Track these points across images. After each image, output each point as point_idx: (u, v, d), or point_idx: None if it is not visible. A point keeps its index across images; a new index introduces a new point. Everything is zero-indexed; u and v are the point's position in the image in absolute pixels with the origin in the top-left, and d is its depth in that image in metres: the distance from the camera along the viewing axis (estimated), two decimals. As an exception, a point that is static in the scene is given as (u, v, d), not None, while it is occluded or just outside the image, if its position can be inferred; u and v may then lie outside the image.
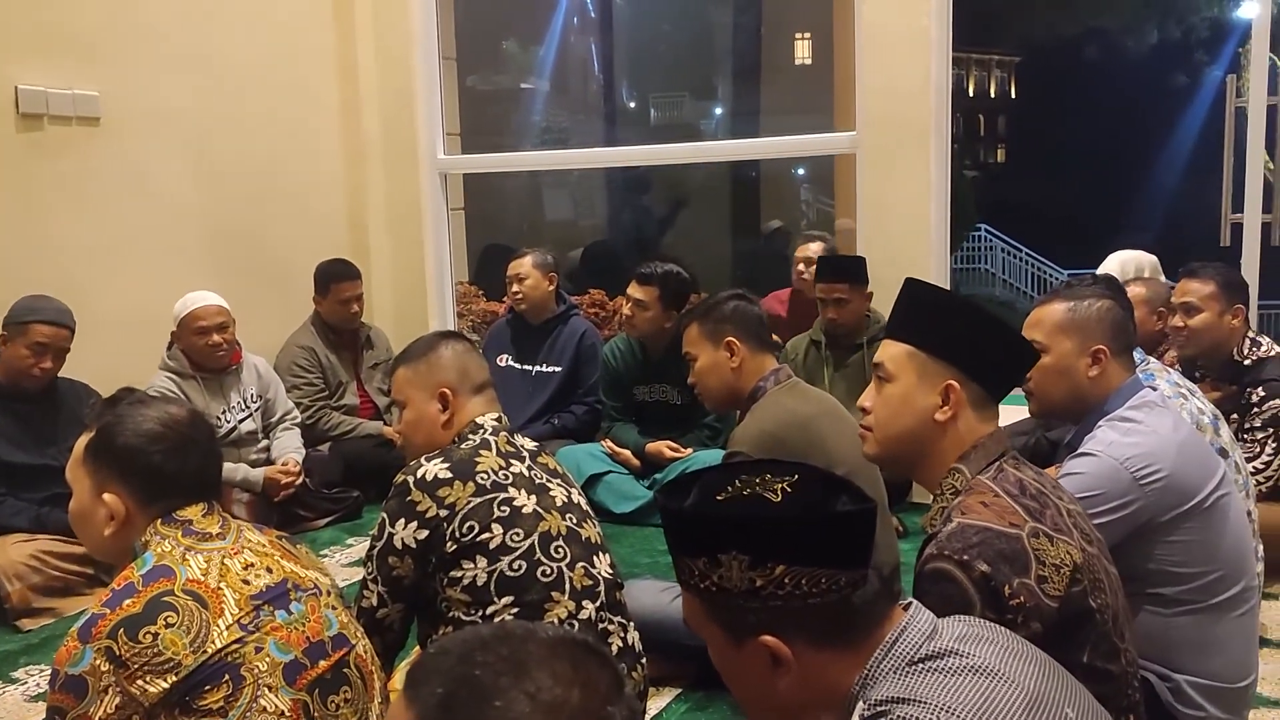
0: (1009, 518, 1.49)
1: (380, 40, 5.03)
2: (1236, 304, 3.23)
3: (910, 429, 1.66)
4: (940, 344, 1.66)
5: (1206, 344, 3.23)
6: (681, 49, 14.44)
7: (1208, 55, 18.20)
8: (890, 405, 1.68)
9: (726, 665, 1.18)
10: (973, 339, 1.66)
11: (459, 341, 2.25)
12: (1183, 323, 3.24)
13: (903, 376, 1.67)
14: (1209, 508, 1.98)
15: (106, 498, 1.63)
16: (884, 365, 1.71)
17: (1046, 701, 1.10)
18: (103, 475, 1.64)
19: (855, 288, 3.91)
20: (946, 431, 1.64)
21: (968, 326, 1.68)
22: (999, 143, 27.15)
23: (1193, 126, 18.86)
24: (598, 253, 8.06)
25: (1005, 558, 1.44)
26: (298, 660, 1.58)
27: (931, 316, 1.69)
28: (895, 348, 1.70)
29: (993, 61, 26.02)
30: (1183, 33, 18.18)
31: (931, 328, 1.68)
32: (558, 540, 2.02)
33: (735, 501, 1.14)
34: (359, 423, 4.43)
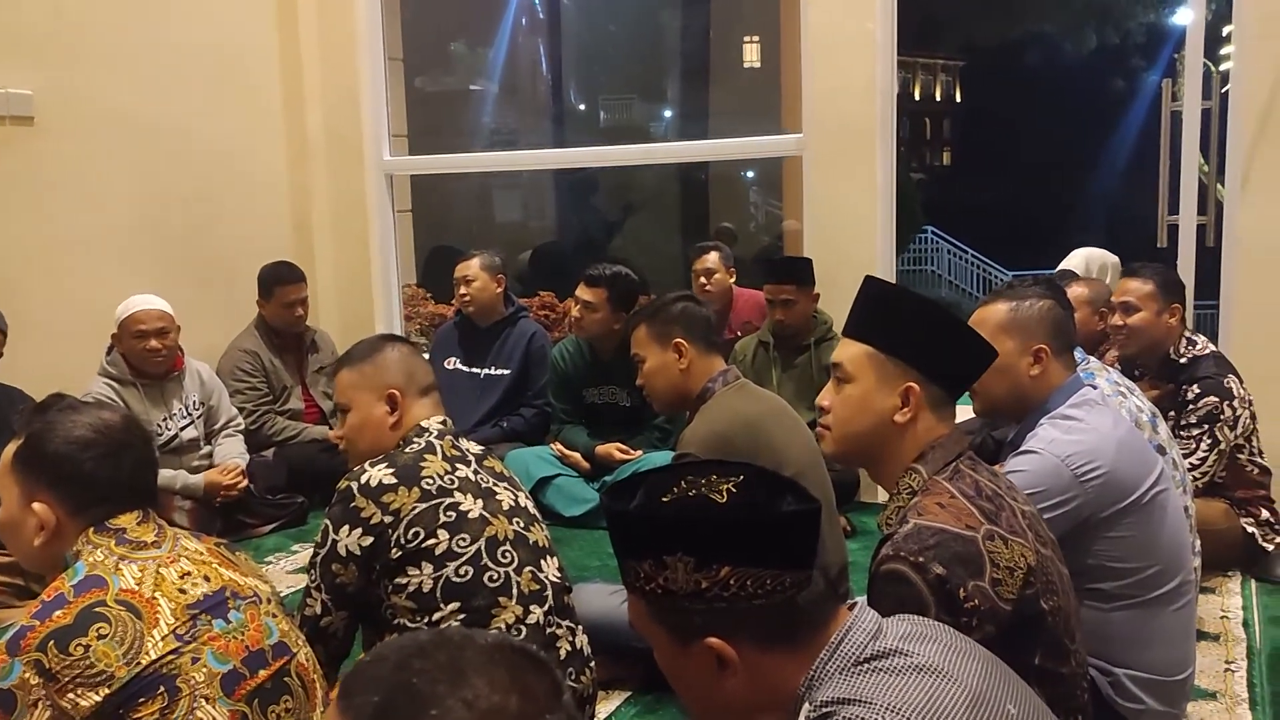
0: (965, 519, 1.50)
1: (325, 40, 4.97)
2: (1174, 303, 3.30)
3: (869, 429, 1.66)
4: (900, 345, 1.66)
5: (1145, 342, 3.30)
6: (631, 51, 14.47)
7: (1144, 60, 18.60)
8: (849, 406, 1.68)
9: (672, 667, 1.18)
10: (933, 340, 1.67)
11: (403, 344, 2.22)
12: (1122, 321, 3.30)
13: (862, 377, 1.67)
14: (1147, 504, 2.01)
15: (36, 507, 1.59)
16: (843, 366, 1.70)
17: (989, 699, 1.11)
18: (32, 484, 1.60)
19: (802, 289, 3.94)
20: (905, 432, 1.65)
21: (928, 328, 1.68)
22: (944, 146, 27.50)
23: (1131, 130, 19.27)
24: (547, 255, 8.03)
25: (961, 560, 1.45)
26: (236, 670, 1.55)
27: (891, 317, 1.69)
28: (854, 348, 1.70)
29: (938, 65, 26.36)
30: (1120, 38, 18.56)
31: (891, 329, 1.67)
32: (505, 545, 2.00)
33: (681, 502, 1.13)
34: (304, 427, 4.36)
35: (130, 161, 4.29)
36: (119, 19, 4.23)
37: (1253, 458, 3.30)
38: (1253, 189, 3.61)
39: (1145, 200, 5.85)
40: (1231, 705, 2.48)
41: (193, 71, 4.54)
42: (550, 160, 6.47)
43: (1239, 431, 3.21)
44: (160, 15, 4.40)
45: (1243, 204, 3.63)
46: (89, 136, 4.12)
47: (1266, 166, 3.57)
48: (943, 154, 27.51)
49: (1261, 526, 3.29)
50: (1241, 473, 3.29)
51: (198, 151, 4.57)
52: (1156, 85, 14.66)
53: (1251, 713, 2.45)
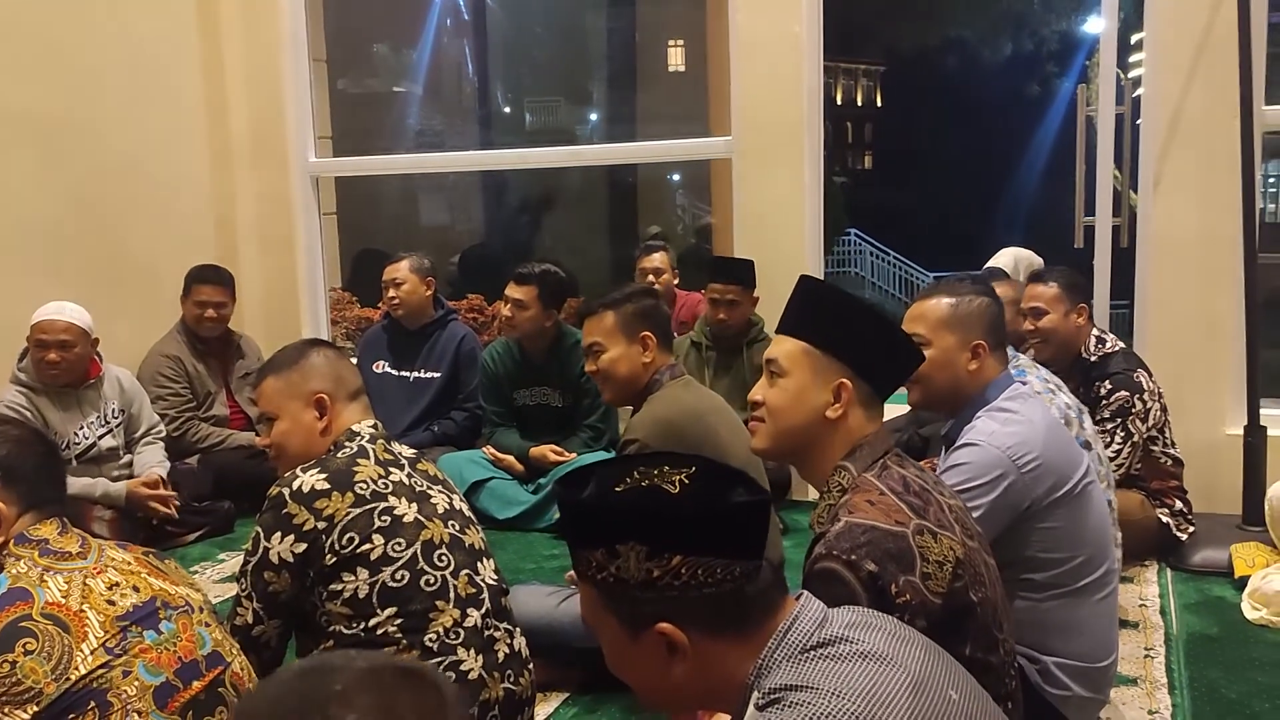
0: (895, 516, 1.53)
1: (248, 40, 4.88)
2: (1080, 303, 3.40)
3: (801, 425, 1.69)
4: (834, 342, 1.69)
5: (1057, 344, 3.37)
6: (556, 54, 14.46)
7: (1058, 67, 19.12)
8: (783, 399, 1.71)
9: (622, 655, 1.19)
10: (866, 339, 1.70)
11: (329, 348, 2.19)
12: (1033, 325, 3.38)
13: (796, 372, 1.70)
14: (1078, 495, 2.07)
15: None
16: (777, 360, 1.73)
17: (931, 683, 1.13)
18: None
19: (745, 291, 3.97)
20: (836, 429, 1.68)
21: (861, 326, 1.72)
22: (866, 149, 27.93)
23: (1047, 134, 19.81)
24: (476, 258, 7.97)
25: (892, 556, 1.48)
26: (169, 682, 1.51)
27: (826, 315, 1.73)
28: (789, 343, 1.73)
29: (859, 70, 26.76)
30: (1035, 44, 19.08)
31: (826, 326, 1.71)
32: (441, 548, 1.98)
33: (634, 492, 1.15)
34: (229, 433, 4.27)
35: (41, 163, 4.15)
36: (34, 16, 4.10)
37: (1166, 449, 3.42)
38: (1164, 190, 3.73)
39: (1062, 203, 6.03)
40: (1151, 690, 2.56)
41: (109, 72, 4.42)
42: (479, 162, 6.43)
43: (1150, 424, 3.31)
44: (75, 14, 4.27)
45: (1155, 205, 3.76)
46: (3, 135, 3.98)
47: (1177, 169, 3.70)
48: (864, 158, 27.94)
49: (1175, 517, 3.40)
50: (1156, 465, 3.41)
51: (114, 153, 4.44)
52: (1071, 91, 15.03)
53: (1170, 696, 2.53)
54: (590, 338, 2.70)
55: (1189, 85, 3.64)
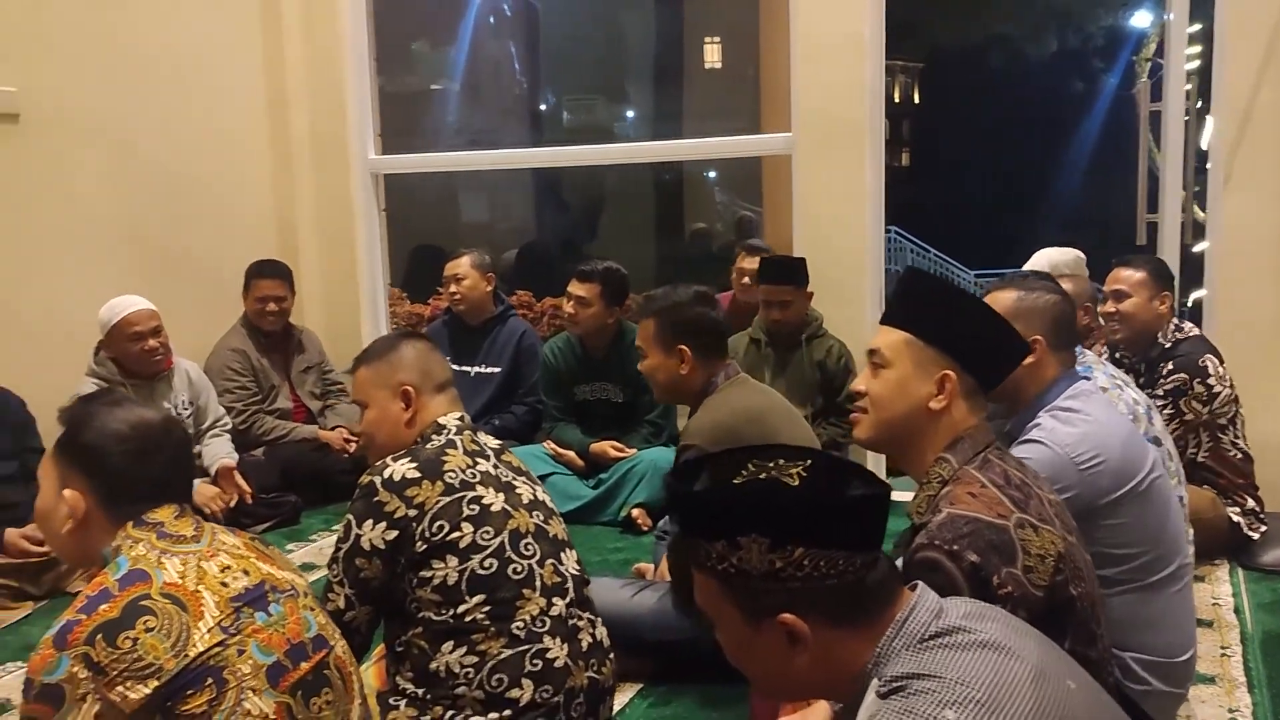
0: (997, 508, 1.54)
1: (310, 38, 4.94)
2: (1164, 291, 3.42)
3: (904, 415, 1.70)
4: (938, 334, 1.70)
5: (1137, 327, 3.42)
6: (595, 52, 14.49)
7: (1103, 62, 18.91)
8: (886, 390, 1.72)
9: (741, 645, 1.20)
10: (971, 331, 1.71)
11: (420, 341, 2.24)
12: (1114, 307, 3.42)
13: (899, 363, 1.71)
14: (1144, 491, 2.07)
15: (66, 494, 1.60)
16: (881, 351, 1.74)
17: (1051, 674, 1.14)
18: (66, 471, 1.62)
19: (798, 290, 3.98)
20: (938, 420, 1.69)
21: (966, 318, 1.73)
22: (903, 147, 27.77)
23: (1090, 131, 19.59)
24: (532, 254, 8.03)
25: (994, 548, 1.49)
26: (280, 662, 1.55)
27: (931, 306, 1.74)
28: (893, 335, 1.74)
29: (897, 67, 26.60)
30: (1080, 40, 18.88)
31: (931, 317, 1.72)
32: (527, 537, 2.02)
33: (753, 485, 1.16)
34: (293, 427, 4.34)
35: (111, 159, 4.24)
36: (104, 17, 4.18)
37: (1235, 441, 3.40)
38: (1235, 186, 3.70)
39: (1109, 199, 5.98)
40: (1230, 689, 2.55)
41: (175, 71, 4.50)
42: (533, 159, 6.48)
43: (1214, 408, 3.30)
44: (144, 14, 4.36)
45: (1225, 201, 3.73)
46: (72, 136, 4.07)
47: (1248, 165, 3.67)
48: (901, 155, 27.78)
49: (1246, 515, 3.38)
50: (1225, 458, 3.39)
51: (179, 153, 4.52)
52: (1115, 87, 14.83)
53: (1250, 695, 2.52)
54: (638, 340, 2.72)
55: (1260, 80, 3.60)
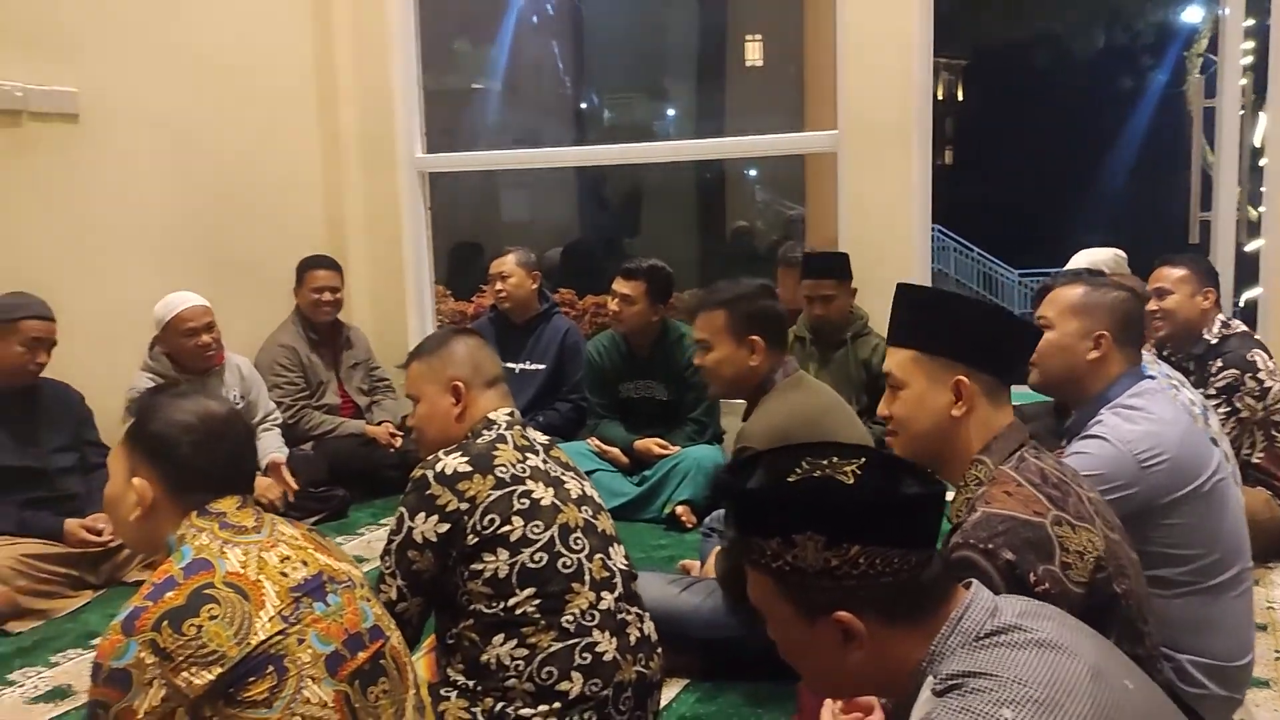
0: (1033, 506, 1.54)
1: (359, 37, 5.00)
2: (1207, 287, 3.41)
3: (930, 429, 1.70)
4: (941, 343, 1.71)
5: (1180, 324, 3.43)
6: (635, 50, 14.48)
7: (1152, 59, 18.60)
8: (907, 410, 1.73)
9: (795, 641, 1.21)
10: (971, 332, 1.71)
11: (471, 337, 2.27)
12: (1157, 305, 3.41)
13: (913, 381, 1.73)
14: (1207, 492, 2.05)
15: (135, 482, 1.63)
16: (893, 374, 1.76)
17: (1109, 673, 1.14)
18: (135, 460, 1.65)
19: (841, 284, 3.97)
20: (965, 425, 1.69)
21: (964, 320, 1.73)
22: (946, 145, 27.49)
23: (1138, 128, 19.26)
24: (577, 252, 8.06)
25: (1030, 545, 1.48)
26: (338, 652, 1.58)
27: (928, 318, 1.75)
28: (900, 354, 1.76)
29: (940, 65, 26.34)
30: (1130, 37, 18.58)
31: (930, 329, 1.73)
32: (576, 532, 2.04)
33: (808, 483, 1.17)
34: (341, 421, 4.40)
35: (167, 159, 4.32)
36: (159, 18, 4.26)
37: None
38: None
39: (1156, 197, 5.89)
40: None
41: (229, 70, 4.57)
42: (577, 158, 6.51)
43: (1268, 403, 3.27)
44: (198, 14, 4.44)
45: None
46: (128, 134, 4.15)
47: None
48: (944, 153, 27.50)
49: (1302, 516, 3.32)
50: (1278, 454, 3.34)
51: (232, 150, 4.60)
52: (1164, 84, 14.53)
53: (1305, 699, 2.48)
54: (700, 333, 2.68)
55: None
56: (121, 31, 4.11)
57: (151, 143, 4.24)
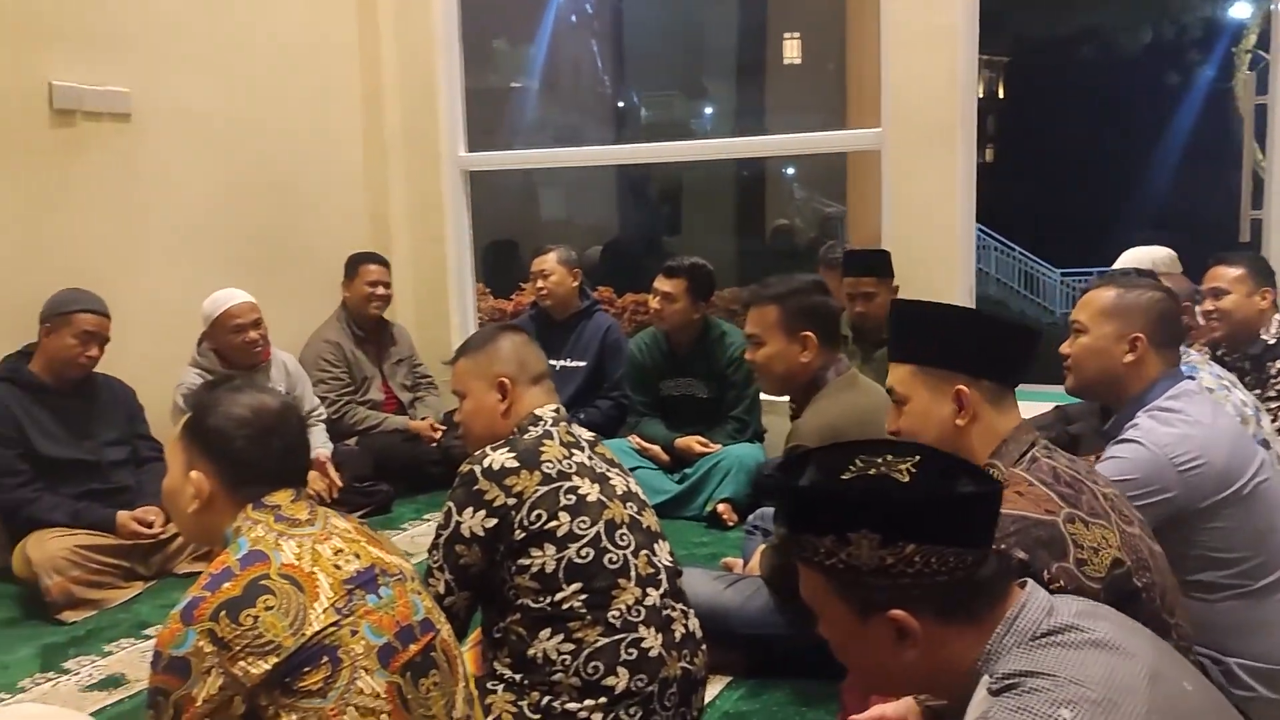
0: (1044, 505, 1.54)
1: (402, 36, 5.04)
2: (1264, 287, 3.36)
3: (937, 441, 1.70)
4: (937, 355, 1.75)
5: (1236, 324, 3.38)
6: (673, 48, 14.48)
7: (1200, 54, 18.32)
8: (913, 424, 1.76)
9: (848, 639, 1.21)
10: (965, 340, 1.74)
11: (517, 334, 2.28)
12: (1213, 305, 3.36)
13: (915, 395, 1.76)
14: (1248, 494, 2.03)
15: (193, 475, 1.66)
16: (895, 389, 1.80)
17: (1167, 674, 1.13)
18: (192, 454, 1.68)
19: (882, 281, 3.95)
20: (971, 433, 1.71)
21: (957, 330, 1.77)
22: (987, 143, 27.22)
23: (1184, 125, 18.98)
24: (617, 250, 8.09)
25: (1042, 544, 1.48)
26: (390, 643, 1.59)
27: (921, 331, 1.79)
28: (900, 370, 1.80)
29: (982, 61, 26.04)
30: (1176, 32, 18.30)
31: (924, 342, 1.77)
32: (622, 528, 2.05)
33: (863, 481, 1.17)
34: (385, 417, 4.44)
35: (215, 158, 4.38)
36: (207, 18, 4.32)
37: None
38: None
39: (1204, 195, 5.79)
40: (1337, 697, 2.46)
41: (275, 69, 4.63)
42: (619, 156, 6.49)
43: None
44: (245, 14, 4.49)
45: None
46: (178, 133, 4.21)
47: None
48: (985, 151, 27.25)
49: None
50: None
51: (278, 149, 4.65)
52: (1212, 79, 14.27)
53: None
54: (751, 328, 2.67)
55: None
56: (171, 32, 4.18)
57: (200, 142, 4.30)
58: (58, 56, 3.76)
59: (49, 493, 3.34)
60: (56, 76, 3.75)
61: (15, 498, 3.30)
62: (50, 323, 3.40)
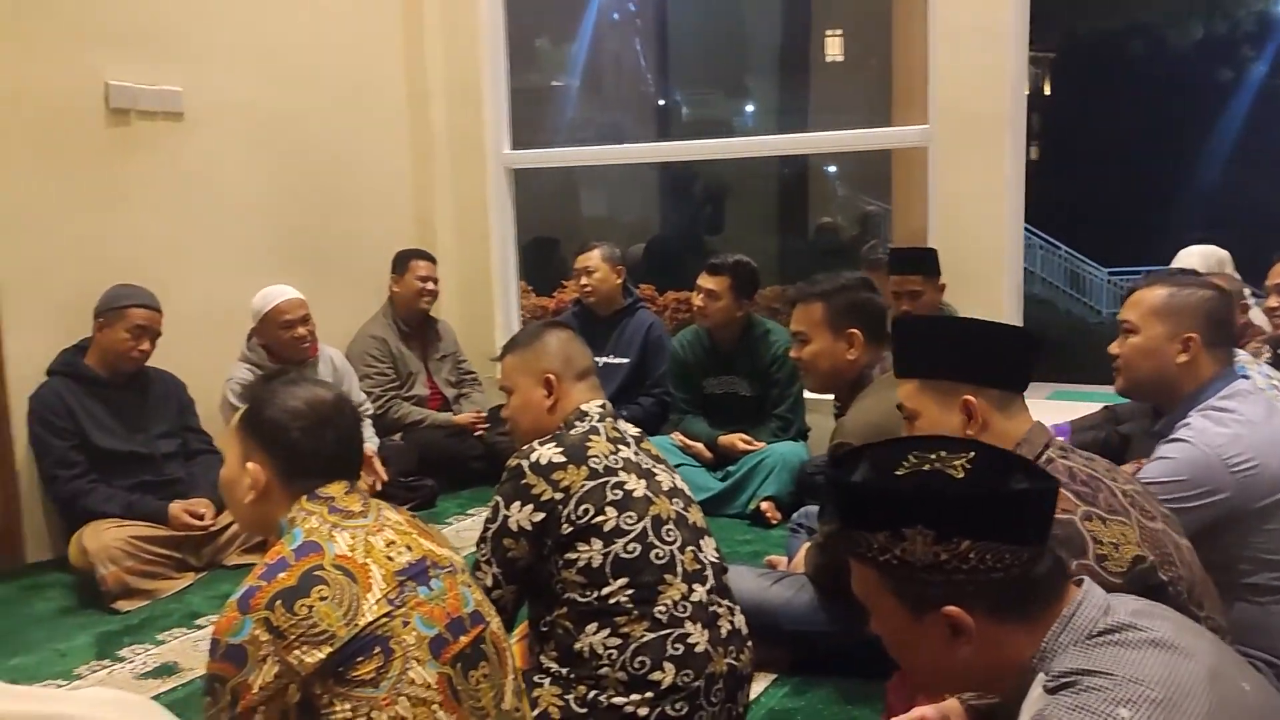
0: (1060, 504, 1.53)
1: (448, 34, 5.07)
2: None
3: None
4: (938, 367, 1.77)
5: None
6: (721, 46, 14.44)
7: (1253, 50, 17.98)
8: None
9: (900, 635, 1.21)
10: (963, 350, 1.76)
11: (563, 330, 2.30)
12: (1277, 302, 3.28)
13: (924, 410, 1.78)
14: (1302, 496, 1.99)
15: (249, 466, 1.69)
16: (905, 405, 1.82)
17: (1226, 674, 1.12)
18: (248, 445, 1.71)
19: (928, 280, 3.92)
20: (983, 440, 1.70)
21: (956, 341, 1.79)
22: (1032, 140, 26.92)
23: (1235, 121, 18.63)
24: (660, 248, 8.08)
25: (1060, 542, 1.47)
26: (441, 635, 1.61)
27: (922, 346, 1.81)
28: (907, 386, 1.82)
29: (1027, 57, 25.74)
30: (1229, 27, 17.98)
31: (926, 356, 1.79)
32: (668, 524, 2.05)
33: (917, 477, 1.16)
34: (429, 413, 4.48)
35: (264, 156, 4.43)
36: (255, 18, 4.38)
37: None
38: None
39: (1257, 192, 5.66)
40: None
41: (324, 70, 4.68)
42: (664, 153, 6.50)
43: None
44: (292, 14, 4.54)
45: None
46: (228, 132, 4.27)
47: None
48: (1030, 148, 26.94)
49: None
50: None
51: (324, 147, 4.70)
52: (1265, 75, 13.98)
53: None
54: (797, 325, 2.66)
55: None
56: (223, 33, 4.24)
57: (249, 140, 4.36)
58: (113, 57, 3.83)
59: (104, 484, 3.41)
60: (112, 76, 3.82)
61: (72, 489, 3.37)
62: (104, 317, 3.47)
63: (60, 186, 3.70)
